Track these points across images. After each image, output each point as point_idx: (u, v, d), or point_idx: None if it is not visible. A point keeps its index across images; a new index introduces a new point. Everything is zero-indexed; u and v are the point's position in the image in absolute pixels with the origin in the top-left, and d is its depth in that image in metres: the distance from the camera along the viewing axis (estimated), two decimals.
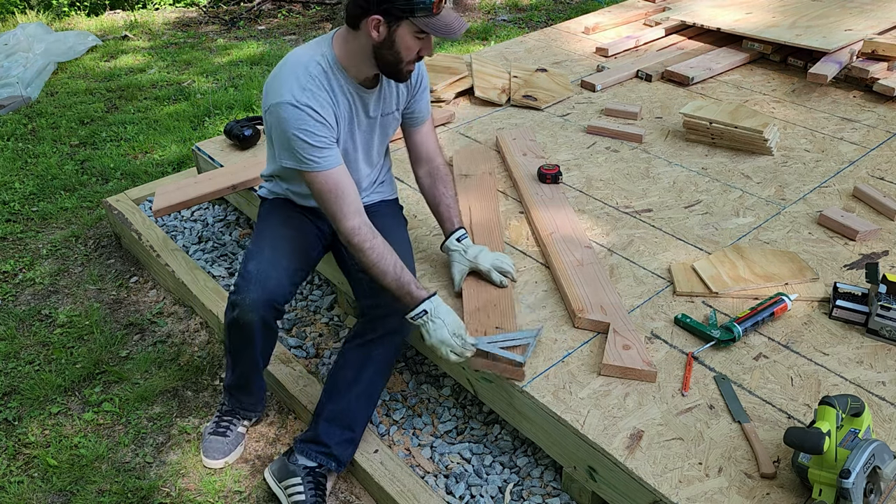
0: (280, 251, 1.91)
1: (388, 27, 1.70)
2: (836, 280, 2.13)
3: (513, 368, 1.80)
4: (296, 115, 1.72)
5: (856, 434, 1.53)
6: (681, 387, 1.81)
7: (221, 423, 2.08)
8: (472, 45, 5.37)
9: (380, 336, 1.89)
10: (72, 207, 3.35)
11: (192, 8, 6.51)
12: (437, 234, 2.39)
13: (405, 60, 1.78)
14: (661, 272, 2.20)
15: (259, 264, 1.85)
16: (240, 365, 1.98)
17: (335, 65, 1.81)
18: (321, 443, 1.89)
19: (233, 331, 1.88)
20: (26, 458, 2.12)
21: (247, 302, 1.81)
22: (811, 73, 3.25)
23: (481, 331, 1.92)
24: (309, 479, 1.87)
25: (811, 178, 2.67)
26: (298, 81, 1.75)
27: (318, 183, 1.79)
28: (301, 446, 1.91)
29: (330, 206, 1.81)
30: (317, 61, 1.79)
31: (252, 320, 1.82)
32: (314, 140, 1.75)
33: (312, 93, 1.75)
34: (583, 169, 2.76)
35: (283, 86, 1.75)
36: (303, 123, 1.73)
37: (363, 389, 1.90)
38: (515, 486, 1.91)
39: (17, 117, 4.26)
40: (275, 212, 2.07)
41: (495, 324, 1.95)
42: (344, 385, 1.90)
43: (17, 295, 2.80)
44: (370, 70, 1.83)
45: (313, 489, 1.86)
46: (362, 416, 1.93)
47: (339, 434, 1.90)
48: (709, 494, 1.55)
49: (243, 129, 2.98)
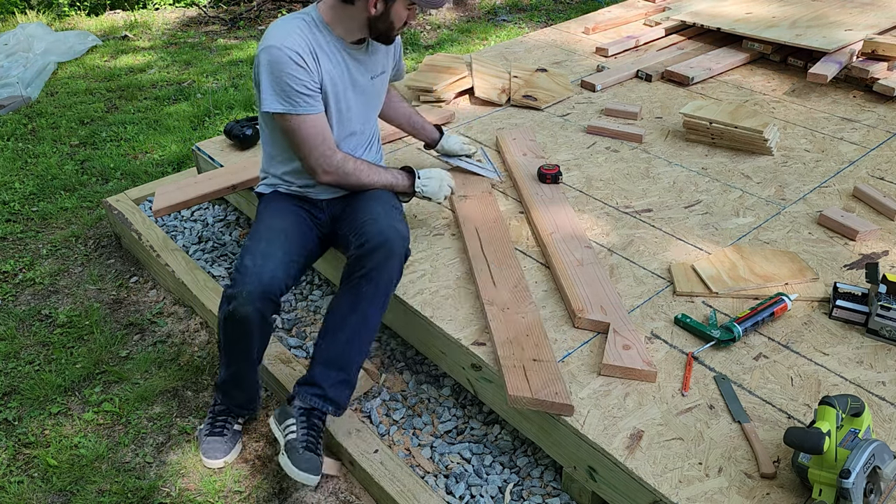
0: (274, 243, 1.94)
1: (385, 4, 1.92)
2: (836, 280, 2.13)
3: (560, 405, 1.72)
4: (278, 55, 1.89)
5: (856, 434, 1.53)
6: (681, 387, 1.81)
7: (217, 423, 2.08)
8: (472, 45, 5.37)
9: (366, 272, 1.90)
10: (72, 207, 3.35)
11: (192, 8, 6.51)
12: (437, 234, 2.39)
13: (396, 28, 2.00)
14: (661, 272, 2.20)
15: (254, 258, 1.88)
16: (234, 362, 1.98)
17: (320, 23, 1.99)
18: (316, 384, 1.92)
19: (228, 325, 1.89)
20: (26, 458, 2.12)
21: (243, 295, 1.82)
22: (811, 73, 3.25)
23: (519, 366, 1.83)
24: (303, 420, 1.89)
25: (811, 178, 2.68)
26: (282, 30, 1.93)
27: (306, 126, 1.95)
28: (297, 389, 1.94)
29: (315, 147, 1.98)
30: (300, 18, 1.98)
31: (248, 313, 1.83)
32: (296, 84, 1.91)
33: (294, 38, 1.91)
34: (583, 169, 2.76)
35: (266, 38, 1.93)
36: (286, 65, 1.89)
37: (353, 330, 1.91)
38: (515, 486, 1.91)
39: (17, 117, 4.26)
40: (270, 206, 2.11)
41: (532, 357, 1.85)
42: (334, 325, 1.92)
43: (17, 295, 2.80)
44: (359, 34, 2.02)
45: (306, 428, 1.88)
46: (354, 358, 1.94)
47: (334, 376, 1.92)
48: (709, 494, 1.55)
49: (243, 129, 2.98)
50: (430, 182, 2.22)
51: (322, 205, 2.16)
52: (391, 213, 2.03)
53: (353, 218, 2.05)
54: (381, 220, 1.97)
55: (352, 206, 2.12)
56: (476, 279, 2.13)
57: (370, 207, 2.04)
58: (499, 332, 1.94)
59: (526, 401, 1.74)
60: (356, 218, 2.04)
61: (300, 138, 1.97)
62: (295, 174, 2.13)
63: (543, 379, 1.78)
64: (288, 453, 1.84)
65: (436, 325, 2.03)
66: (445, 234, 2.40)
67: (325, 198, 2.16)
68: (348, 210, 2.12)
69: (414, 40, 5.52)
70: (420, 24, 5.85)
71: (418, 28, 5.80)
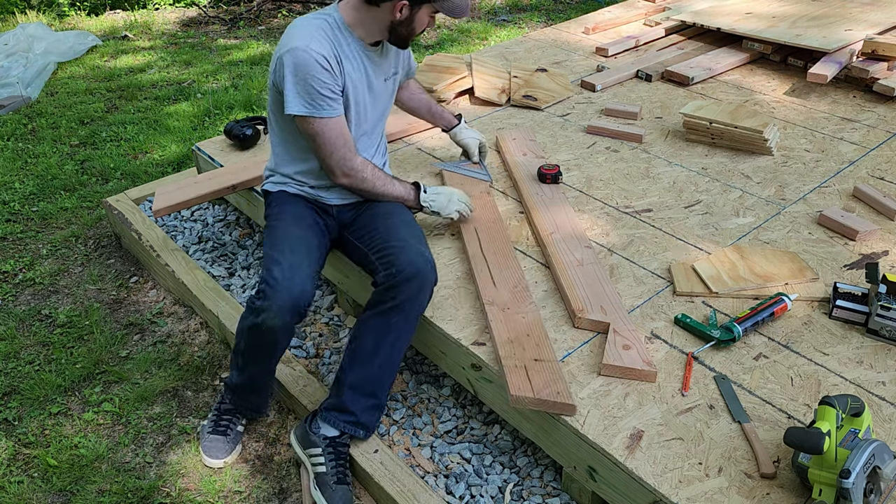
0: (299, 253, 1.93)
1: (410, 8, 1.93)
2: (836, 280, 2.13)
3: (563, 404, 1.72)
4: (304, 58, 1.88)
5: (856, 434, 1.53)
6: (681, 387, 1.81)
7: (221, 422, 2.08)
8: (472, 45, 5.37)
9: (398, 304, 1.89)
10: (72, 207, 3.35)
11: (192, 8, 6.51)
12: (437, 233, 2.39)
13: (416, 34, 2.02)
14: (661, 272, 2.20)
15: (282, 270, 1.86)
16: (253, 368, 1.98)
17: (342, 25, 1.98)
18: (347, 410, 1.92)
19: (253, 335, 1.88)
20: (26, 458, 2.12)
21: (273, 308, 1.82)
22: (811, 73, 3.25)
23: (520, 366, 1.82)
24: (329, 451, 1.91)
25: (811, 178, 2.67)
26: (306, 31, 1.92)
27: (328, 129, 1.95)
28: (326, 414, 1.94)
29: (337, 150, 1.99)
30: (322, 19, 1.97)
31: (277, 326, 1.83)
32: (322, 87, 1.91)
33: (319, 41, 1.91)
34: (583, 169, 2.76)
35: (291, 39, 1.92)
36: (311, 68, 1.89)
37: (385, 357, 1.92)
38: (515, 486, 1.91)
39: (17, 117, 4.26)
40: (284, 209, 2.10)
41: (534, 356, 1.84)
42: (364, 354, 1.92)
43: (17, 295, 2.80)
44: (379, 37, 2.02)
45: (334, 460, 1.89)
46: (385, 383, 1.95)
47: (364, 401, 1.93)
48: (709, 494, 1.55)
49: (243, 129, 2.98)
50: (439, 198, 2.21)
51: (332, 210, 2.15)
52: (418, 237, 2.01)
53: (375, 236, 2.03)
54: (410, 248, 1.94)
55: (368, 220, 2.10)
56: (476, 279, 2.13)
57: (395, 230, 2.02)
58: (499, 332, 1.93)
59: (528, 401, 1.74)
60: (379, 237, 2.02)
61: (322, 141, 1.97)
62: (307, 174, 2.12)
63: (545, 379, 1.78)
64: (320, 488, 1.87)
65: (436, 325, 2.03)
66: (445, 234, 2.40)
67: (335, 203, 2.15)
68: (363, 222, 2.11)
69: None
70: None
71: None
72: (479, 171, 2.65)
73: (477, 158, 2.62)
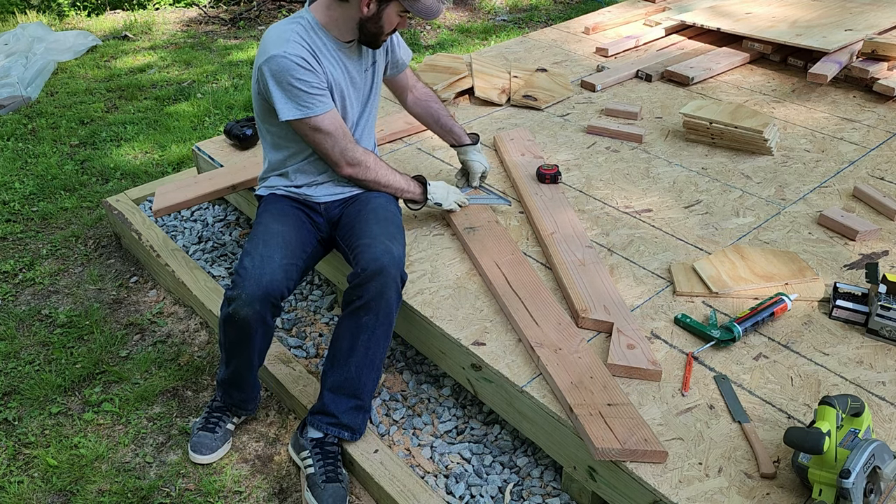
0: (272, 246, 1.95)
1: (378, 5, 1.92)
2: (836, 280, 2.13)
3: (653, 452, 1.61)
4: (285, 64, 1.89)
5: (856, 434, 1.53)
6: (681, 387, 1.81)
7: (210, 419, 2.10)
8: (472, 45, 5.37)
9: (364, 303, 1.89)
10: (72, 207, 3.35)
11: (192, 8, 6.50)
12: (437, 234, 2.39)
13: (385, 33, 2.00)
14: (661, 272, 2.20)
15: (252, 260, 1.90)
16: (234, 361, 2.00)
17: (317, 26, 1.99)
18: (328, 413, 1.94)
19: (228, 326, 1.91)
20: (26, 458, 2.12)
21: (242, 297, 1.84)
22: (811, 73, 3.25)
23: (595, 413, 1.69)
24: (317, 451, 1.92)
25: (811, 178, 2.68)
26: (281, 37, 1.93)
27: (325, 124, 1.97)
28: (311, 418, 1.97)
29: (338, 141, 2.01)
30: (296, 23, 1.98)
31: (248, 315, 1.85)
32: (306, 87, 1.92)
33: (294, 44, 1.92)
34: (583, 169, 2.76)
35: (267, 48, 1.93)
36: (293, 71, 1.90)
37: (361, 358, 1.92)
38: (515, 486, 1.91)
39: (17, 117, 4.26)
40: (269, 208, 2.12)
41: (605, 401, 1.72)
42: (341, 355, 1.93)
43: (17, 295, 2.80)
44: (351, 35, 2.02)
45: (321, 459, 1.91)
46: (365, 384, 1.95)
47: (346, 403, 1.93)
48: (709, 494, 1.55)
49: (243, 129, 2.98)
50: (438, 190, 2.28)
51: (320, 208, 2.16)
52: (388, 232, 2.00)
53: (351, 233, 2.05)
54: (377, 244, 1.93)
55: (350, 216, 2.11)
56: (514, 320, 1.99)
57: (367, 227, 2.02)
58: (560, 378, 1.79)
59: (615, 452, 1.62)
60: (354, 234, 2.03)
61: (322, 136, 1.99)
62: (296, 173, 2.14)
63: (628, 426, 1.66)
64: (311, 489, 1.88)
65: (436, 325, 2.03)
66: (445, 234, 2.40)
67: (324, 200, 2.16)
68: (346, 219, 2.12)
69: (414, 40, 5.52)
70: (420, 25, 5.85)
71: (418, 28, 5.80)
72: (495, 197, 2.51)
73: (477, 183, 2.50)
